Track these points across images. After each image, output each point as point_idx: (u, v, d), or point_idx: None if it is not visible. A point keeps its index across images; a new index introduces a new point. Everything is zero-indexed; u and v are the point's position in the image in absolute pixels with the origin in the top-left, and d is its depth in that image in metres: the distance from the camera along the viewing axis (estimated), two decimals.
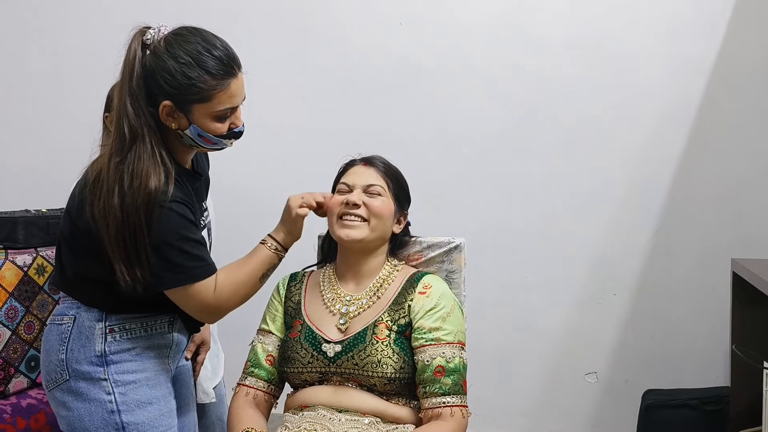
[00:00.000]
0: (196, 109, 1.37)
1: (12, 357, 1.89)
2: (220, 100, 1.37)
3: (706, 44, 2.50)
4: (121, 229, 1.33)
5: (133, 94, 1.36)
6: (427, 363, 1.51)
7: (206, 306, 1.42)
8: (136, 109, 1.36)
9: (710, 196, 2.53)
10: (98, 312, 1.43)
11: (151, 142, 1.36)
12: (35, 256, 1.96)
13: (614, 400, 2.62)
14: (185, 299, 1.41)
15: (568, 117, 2.60)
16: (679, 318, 2.57)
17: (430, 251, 1.77)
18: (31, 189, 2.70)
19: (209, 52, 1.36)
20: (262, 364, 1.62)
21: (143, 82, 1.36)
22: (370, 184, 1.62)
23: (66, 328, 1.44)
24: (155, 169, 1.35)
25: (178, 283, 1.39)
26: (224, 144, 1.45)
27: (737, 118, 2.51)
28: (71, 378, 1.43)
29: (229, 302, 1.45)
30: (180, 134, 1.41)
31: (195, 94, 1.35)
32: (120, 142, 1.36)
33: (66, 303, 1.47)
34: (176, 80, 1.34)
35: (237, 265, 1.48)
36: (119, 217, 1.33)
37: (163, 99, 1.36)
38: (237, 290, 1.45)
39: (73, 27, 2.81)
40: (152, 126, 1.37)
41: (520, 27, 2.60)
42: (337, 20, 2.71)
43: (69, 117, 2.80)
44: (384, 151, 1.74)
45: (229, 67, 1.38)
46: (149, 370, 1.47)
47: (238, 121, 1.44)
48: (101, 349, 1.42)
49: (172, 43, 1.36)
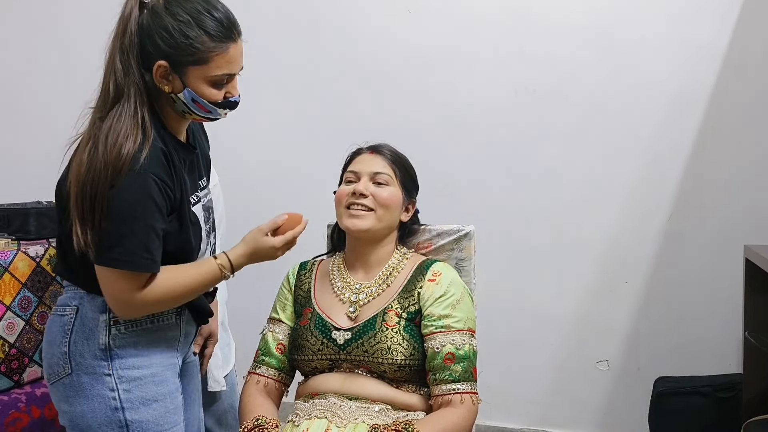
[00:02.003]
0: (192, 71, 1.32)
1: (26, 347, 1.91)
2: (218, 64, 1.32)
3: (718, 29, 2.46)
4: (83, 184, 1.26)
5: (124, 51, 1.30)
6: (437, 350, 1.51)
7: (130, 300, 1.32)
8: (125, 67, 1.30)
9: (723, 182, 2.51)
10: (102, 302, 1.36)
11: (135, 102, 1.30)
12: (47, 246, 1.98)
13: (626, 388, 2.61)
14: (112, 283, 1.31)
15: (579, 103, 2.57)
16: (691, 305, 2.55)
17: (439, 239, 1.76)
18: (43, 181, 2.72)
19: (209, 12, 1.31)
20: (273, 352, 1.63)
21: (138, 40, 1.31)
22: (377, 172, 1.62)
23: (69, 319, 1.38)
24: (133, 131, 1.28)
25: (117, 265, 1.28)
26: (218, 113, 1.39)
27: (750, 104, 2.48)
28: (74, 372, 1.37)
29: (153, 306, 1.36)
30: (173, 98, 1.35)
31: (192, 55, 1.30)
32: (103, 98, 1.32)
33: (69, 292, 1.42)
34: (174, 39, 1.29)
35: (177, 273, 1.36)
36: (83, 171, 1.27)
37: (158, 59, 1.30)
38: (167, 299, 1.36)
39: (84, 20, 2.81)
40: (140, 87, 1.31)
41: (530, 12, 2.58)
42: (345, 8, 2.70)
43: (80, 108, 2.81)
44: (392, 138, 1.73)
45: (229, 31, 1.33)
46: (155, 365, 1.41)
47: (235, 91, 1.38)
48: (105, 342, 1.36)
49: (171, 1, 1.32)
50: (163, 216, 1.33)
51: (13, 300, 1.87)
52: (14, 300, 1.88)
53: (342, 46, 2.71)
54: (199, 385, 1.64)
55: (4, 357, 1.86)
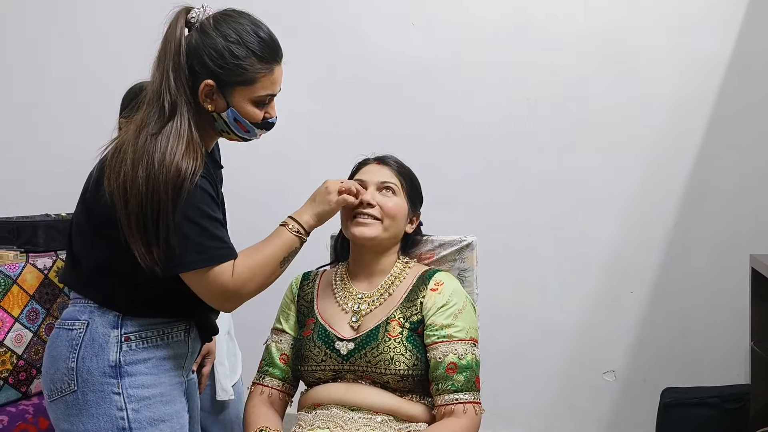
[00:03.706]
0: (238, 91, 1.34)
1: (34, 358, 1.93)
2: (263, 84, 1.35)
3: (719, 38, 2.48)
4: (143, 204, 1.25)
5: (177, 70, 1.31)
6: (439, 360, 1.51)
7: (225, 291, 1.32)
8: (178, 86, 1.32)
9: (727, 191, 2.51)
10: (114, 316, 1.35)
11: (189, 120, 1.32)
12: (55, 258, 2.00)
13: (632, 399, 2.60)
14: (204, 284, 1.32)
15: (582, 113, 2.58)
16: (696, 314, 2.55)
17: (442, 249, 1.77)
18: (51, 193, 2.75)
19: (257, 34, 1.34)
20: (277, 363, 1.64)
21: (186, 59, 1.32)
22: (385, 181, 1.63)
23: (77, 333, 1.35)
24: (190, 147, 1.29)
25: (198, 264, 1.29)
26: (255, 133, 1.41)
27: (753, 112, 2.48)
28: (79, 389, 1.33)
29: (247, 287, 1.35)
30: (214, 117, 1.37)
31: (240, 76, 1.33)
32: (158, 115, 1.31)
33: (78, 305, 1.38)
34: (223, 59, 1.31)
35: (256, 249, 1.39)
36: (143, 191, 1.25)
37: (205, 78, 1.32)
38: (255, 275, 1.35)
39: (94, 33, 2.85)
40: (192, 104, 1.33)
41: (532, 24, 2.60)
42: (350, 22, 2.73)
43: (88, 121, 2.84)
44: (397, 149, 1.75)
45: (275, 53, 1.37)
46: (164, 384, 1.39)
47: (273, 111, 1.41)
48: (116, 359, 1.33)
49: (220, 21, 1.34)
50: (219, 208, 1.36)
51: (21, 312, 1.89)
52: (22, 312, 1.89)
53: (346, 60, 2.73)
54: (198, 403, 1.62)
55: (12, 368, 1.87)
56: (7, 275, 1.86)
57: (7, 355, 1.85)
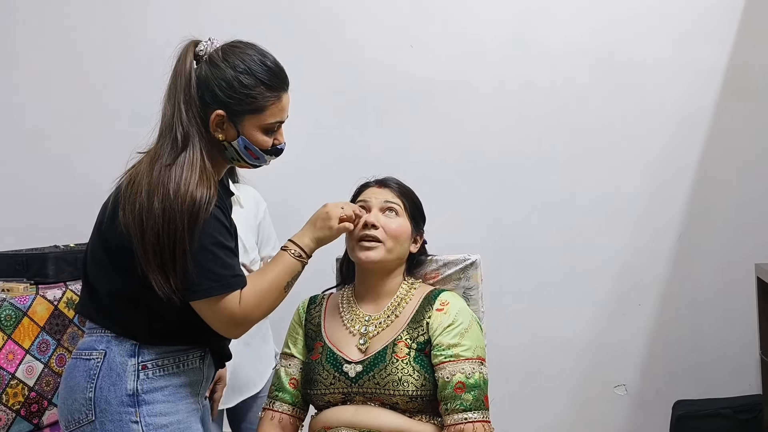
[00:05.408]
0: (248, 120, 1.38)
1: (45, 390, 1.94)
2: (272, 112, 1.39)
3: (720, 51, 2.49)
4: (160, 234, 1.28)
5: (188, 102, 1.35)
6: (447, 380, 1.52)
7: (233, 318, 1.35)
8: (190, 117, 1.35)
9: (731, 201, 2.51)
10: (131, 345, 1.36)
11: (201, 150, 1.35)
12: (65, 290, 2.02)
13: (645, 412, 2.58)
14: (214, 312, 1.34)
15: (583, 127, 2.59)
16: (706, 326, 2.53)
17: (446, 269, 1.78)
18: (60, 225, 2.77)
19: (264, 63, 1.39)
20: (286, 387, 1.64)
21: (197, 91, 1.36)
22: (387, 201, 1.65)
23: (95, 363, 1.36)
24: (203, 176, 1.33)
25: (214, 292, 1.32)
26: (265, 160, 1.45)
27: (755, 122, 2.49)
28: (97, 419, 1.34)
29: (254, 314, 1.38)
30: (224, 146, 1.40)
31: (249, 105, 1.36)
32: (171, 147, 1.35)
33: (94, 336, 1.40)
34: (233, 89, 1.35)
35: (260, 275, 1.42)
36: (159, 222, 1.28)
37: (215, 108, 1.36)
38: (262, 300, 1.38)
39: (99, 67, 2.88)
40: (203, 134, 1.36)
41: (530, 40, 2.62)
42: (348, 43, 2.75)
43: (95, 154, 2.87)
44: (398, 170, 1.76)
45: (282, 81, 1.41)
46: (181, 412, 1.40)
47: (281, 138, 1.45)
48: (133, 388, 1.35)
49: (228, 53, 1.38)
50: (232, 237, 1.39)
51: (32, 343, 1.91)
52: (33, 343, 1.91)
53: (346, 82, 2.74)
54: (211, 429, 1.63)
55: (24, 401, 1.88)
56: (17, 307, 1.88)
57: (19, 387, 1.87)
